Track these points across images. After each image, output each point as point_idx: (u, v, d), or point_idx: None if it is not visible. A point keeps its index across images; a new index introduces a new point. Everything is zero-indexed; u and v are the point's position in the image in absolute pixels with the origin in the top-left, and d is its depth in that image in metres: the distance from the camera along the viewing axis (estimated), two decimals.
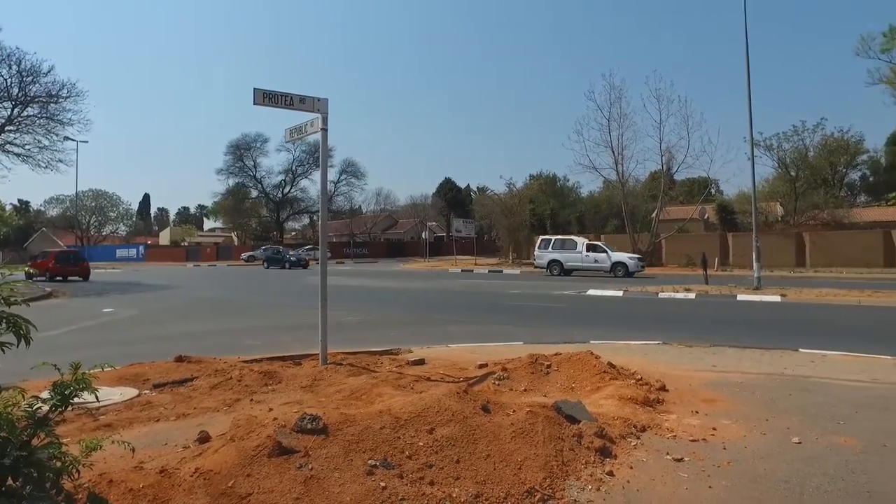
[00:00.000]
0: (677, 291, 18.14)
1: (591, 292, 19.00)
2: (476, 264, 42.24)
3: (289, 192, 73.84)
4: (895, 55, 17.52)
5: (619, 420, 4.38)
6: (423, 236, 57.33)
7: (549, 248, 30.48)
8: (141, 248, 74.87)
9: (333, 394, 5.44)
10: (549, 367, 5.80)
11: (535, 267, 31.30)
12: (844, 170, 53.13)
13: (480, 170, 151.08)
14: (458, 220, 52.21)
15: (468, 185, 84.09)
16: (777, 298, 16.16)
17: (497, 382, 5.49)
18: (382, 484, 3.09)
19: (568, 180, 65.48)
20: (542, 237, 32.61)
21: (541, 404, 4.16)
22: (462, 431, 3.62)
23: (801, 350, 7.93)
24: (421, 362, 7.01)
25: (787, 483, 3.41)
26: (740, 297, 16.78)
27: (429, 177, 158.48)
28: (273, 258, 46.59)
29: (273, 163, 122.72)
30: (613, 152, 37.44)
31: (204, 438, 3.88)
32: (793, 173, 45.35)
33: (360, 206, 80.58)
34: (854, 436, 4.20)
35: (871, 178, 59.73)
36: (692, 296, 17.38)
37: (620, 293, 18.51)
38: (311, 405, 4.95)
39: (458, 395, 4.00)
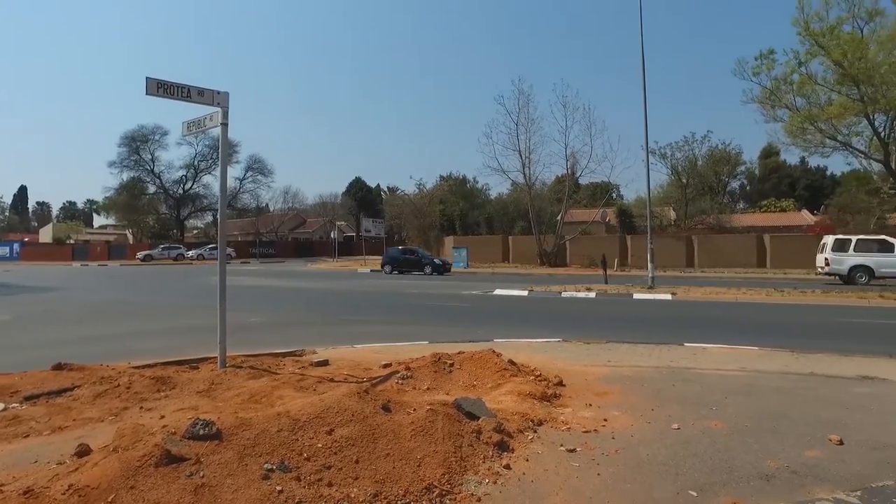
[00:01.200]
0: (579, 291, 19.01)
1: (497, 292, 19.49)
2: None
3: (191, 188, 69.76)
4: (763, 78, 19.23)
5: (517, 415, 4.54)
6: (333, 236, 56.31)
7: (851, 251, 22.01)
8: (16, 245, 67.87)
9: (232, 398, 5.24)
10: (451, 365, 5.91)
11: (820, 273, 23.43)
12: (727, 179, 58.06)
13: (391, 170, 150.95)
14: (368, 220, 51.75)
15: (378, 185, 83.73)
16: (668, 297, 17.35)
17: (400, 382, 5.51)
18: (279, 488, 3.02)
19: (477, 182, 66.88)
20: (833, 237, 23.11)
21: (441, 402, 4.23)
22: (362, 431, 3.61)
23: (685, 344, 8.58)
24: (325, 363, 6.90)
25: (666, 465, 3.69)
26: (636, 296, 17.85)
27: (338, 176, 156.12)
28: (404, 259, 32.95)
29: (173, 157, 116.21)
30: (521, 156, 38.63)
31: (83, 452, 3.61)
32: (684, 180, 48.90)
33: (266, 205, 77.83)
34: (723, 419, 4.61)
35: (748, 187, 65.69)
36: (593, 295, 18.29)
37: (526, 293, 19.12)
38: (207, 410, 4.74)
39: (359, 395, 3.98)
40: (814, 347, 8.44)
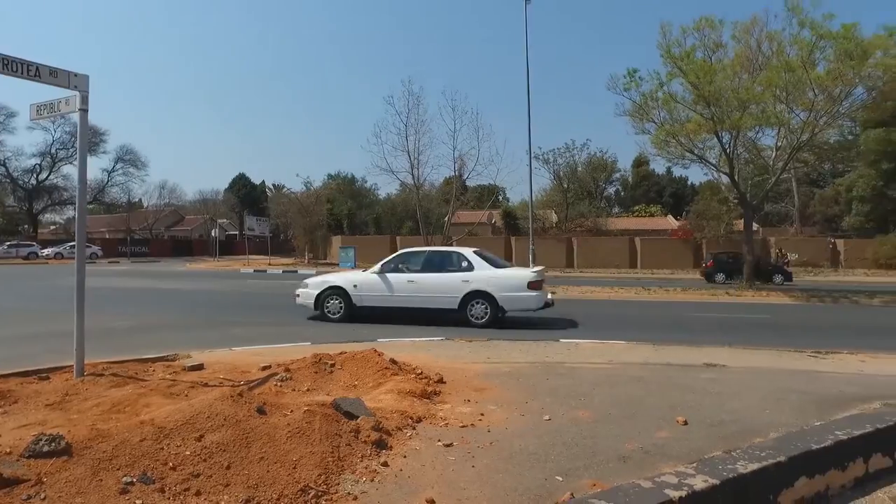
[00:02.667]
0: None
1: None
2: (270, 264, 40.66)
3: (46, 178, 62.64)
4: (633, 93, 20.93)
5: (397, 413, 4.59)
6: (213, 234, 53.47)
7: None
8: None
9: (89, 409, 4.81)
10: (333, 366, 5.85)
11: None
12: (604, 185, 62.42)
13: (277, 167, 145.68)
14: (252, 218, 49.62)
15: (263, 182, 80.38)
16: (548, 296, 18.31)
17: (279, 384, 5.37)
18: (139, 501, 2.84)
19: (366, 182, 66.36)
20: None
21: (320, 403, 4.19)
22: (234, 436, 3.49)
23: (561, 340, 9.12)
24: (199, 367, 6.54)
25: (536, 454, 3.92)
26: None
27: (221, 172, 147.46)
28: None
29: (22, 142, 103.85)
30: (410, 157, 38.76)
31: None
32: (565, 185, 51.78)
33: (140, 200, 71.97)
34: (589, 409, 4.97)
35: (622, 193, 70.93)
36: None
37: None
38: (57, 424, 4.31)
39: (233, 398, 3.84)
40: (671, 340, 9.32)
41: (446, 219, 41.10)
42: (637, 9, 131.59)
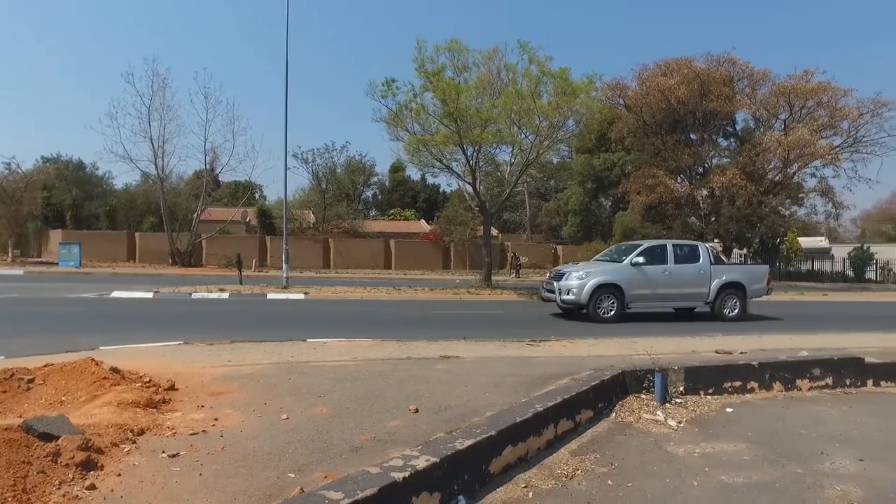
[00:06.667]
0: (211, 291, 18.20)
1: (116, 294, 17.16)
2: None
3: None
4: (390, 101, 21.98)
5: (114, 427, 4.08)
6: None
7: None
8: None
9: None
10: (32, 381, 4.93)
11: None
12: (362, 187, 63.90)
13: None
14: None
15: None
16: (301, 296, 18.08)
17: None
18: None
19: (97, 168, 57.26)
20: None
21: (3, 427, 3.49)
22: None
23: (308, 340, 9.08)
24: None
25: (271, 454, 3.84)
26: (270, 296, 18.05)
27: None
28: None
29: None
30: (154, 144, 34.86)
31: None
32: (324, 186, 51.68)
33: None
34: (328, 405, 5.06)
35: (379, 197, 73.54)
36: (226, 295, 17.73)
37: (150, 294, 17.34)
38: None
39: None
40: (415, 336, 9.96)
41: (195, 215, 37.78)
42: (398, 20, 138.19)
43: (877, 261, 44.38)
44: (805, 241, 47.97)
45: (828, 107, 35.53)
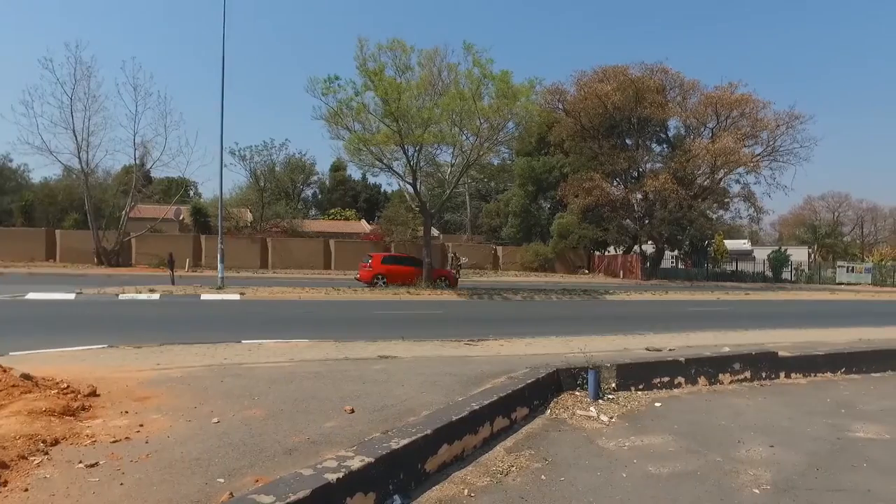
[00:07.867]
0: (140, 292, 17.35)
1: (31, 296, 16.09)
2: None
3: None
4: (331, 99, 21.65)
5: (23, 438, 3.81)
6: None
7: None
8: None
9: None
10: None
11: None
12: (301, 186, 62.66)
13: None
14: None
15: None
16: (237, 297, 17.52)
17: None
18: None
19: (11, 160, 53.46)
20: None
21: None
22: None
23: (243, 341, 8.83)
24: None
25: (199, 460, 3.70)
26: (204, 297, 17.41)
27: None
28: None
29: None
30: (77, 137, 32.80)
31: None
32: (262, 184, 50.26)
33: None
34: (262, 407, 4.93)
35: (319, 196, 72.32)
36: (156, 296, 16.96)
37: (73, 296, 16.37)
38: None
39: None
40: (353, 336, 9.86)
41: (124, 212, 35.90)
42: (342, 17, 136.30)
43: (791, 262, 47.69)
44: (730, 244, 51.00)
45: (750, 117, 37.82)
